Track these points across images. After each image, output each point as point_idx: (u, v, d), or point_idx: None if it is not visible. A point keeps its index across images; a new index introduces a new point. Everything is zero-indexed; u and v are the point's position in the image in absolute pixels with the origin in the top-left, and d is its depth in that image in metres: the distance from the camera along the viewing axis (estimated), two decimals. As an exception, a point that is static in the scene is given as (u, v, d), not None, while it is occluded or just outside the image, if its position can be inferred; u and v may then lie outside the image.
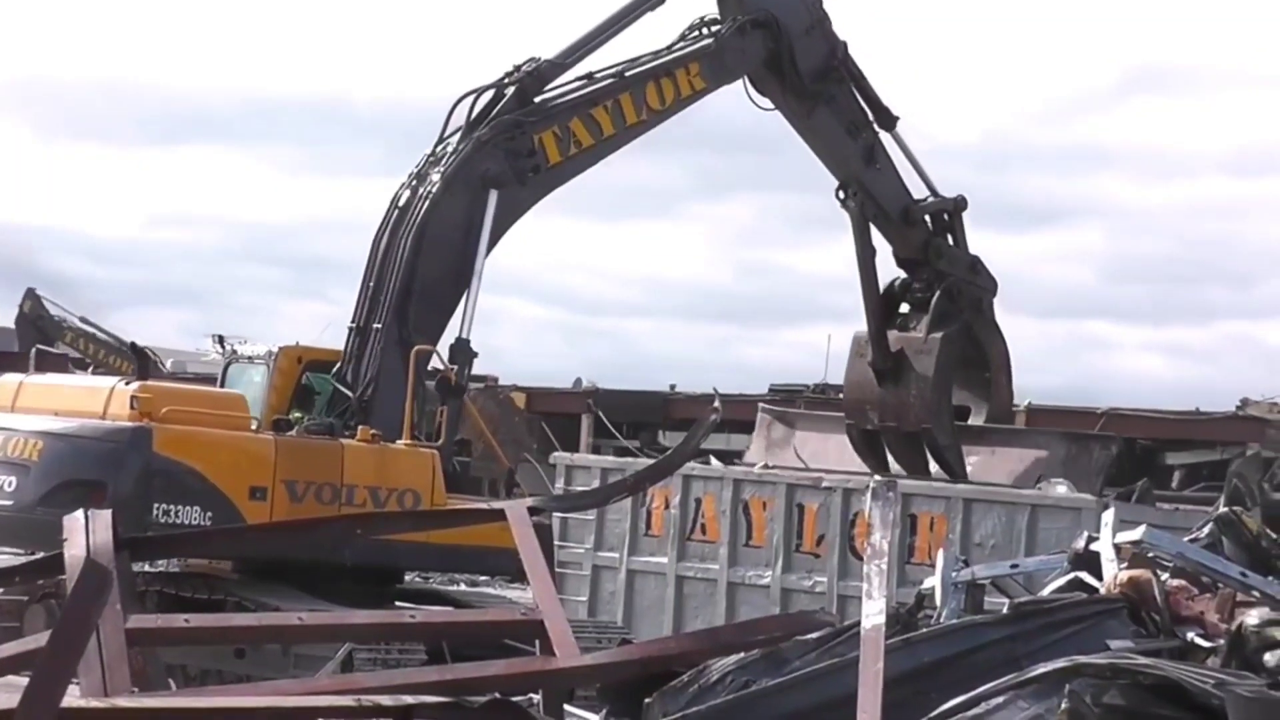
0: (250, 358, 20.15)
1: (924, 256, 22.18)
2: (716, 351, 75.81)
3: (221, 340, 20.82)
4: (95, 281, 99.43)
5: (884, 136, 22.17)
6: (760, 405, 24.25)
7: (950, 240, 22.43)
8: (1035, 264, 79.23)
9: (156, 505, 17.20)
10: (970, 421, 22.63)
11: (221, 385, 20.30)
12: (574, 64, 20.43)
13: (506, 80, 20.05)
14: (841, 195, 21.86)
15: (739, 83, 21.47)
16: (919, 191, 22.44)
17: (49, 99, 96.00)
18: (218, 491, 17.67)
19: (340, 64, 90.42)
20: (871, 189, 21.82)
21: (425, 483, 18.52)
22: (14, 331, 56.23)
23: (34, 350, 43.97)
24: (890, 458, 22.42)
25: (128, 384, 18.20)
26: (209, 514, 17.50)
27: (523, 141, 19.81)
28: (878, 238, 22.21)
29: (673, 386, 43.34)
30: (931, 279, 22.15)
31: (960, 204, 22.48)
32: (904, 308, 22.44)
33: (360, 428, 18.68)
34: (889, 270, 22.54)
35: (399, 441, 18.78)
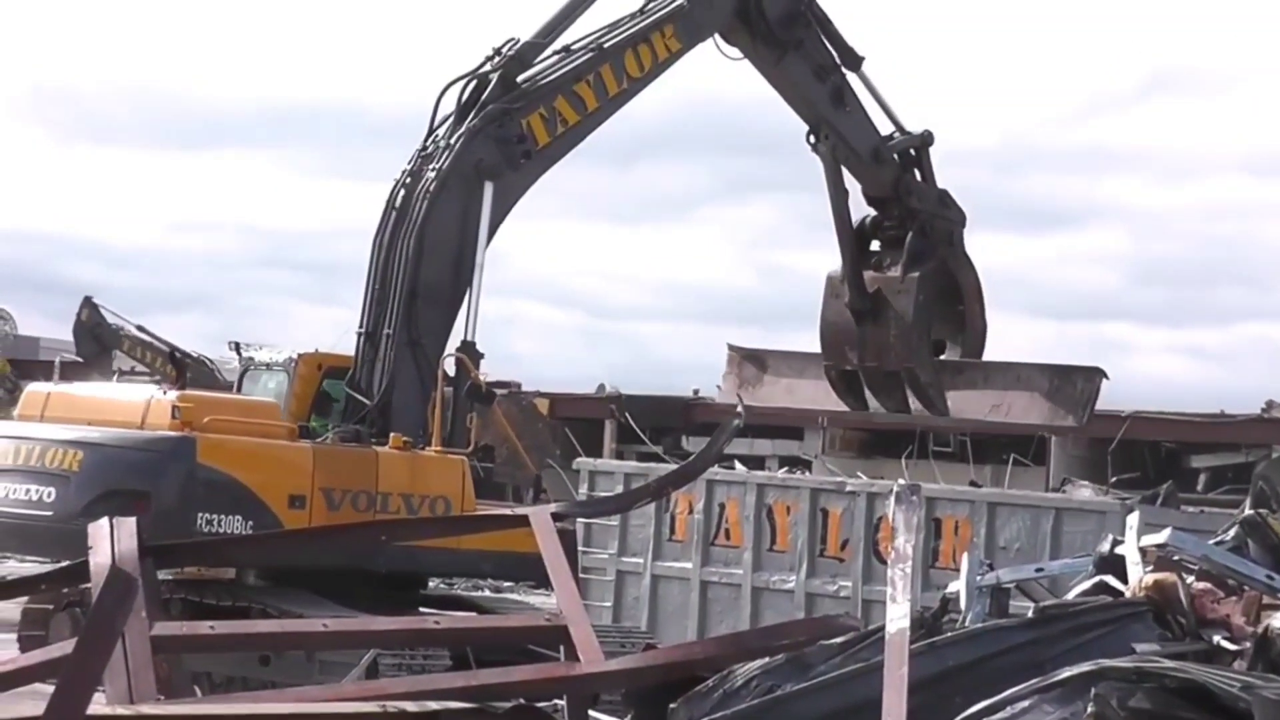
0: (267, 364, 20.17)
1: (895, 194, 22.41)
2: (736, 355, 75.67)
3: (239, 347, 20.84)
4: (114, 288, 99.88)
5: (851, 78, 22.23)
6: (729, 344, 24.21)
7: (919, 176, 22.60)
8: (1055, 266, 79.17)
9: (200, 515, 17.24)
10: (946, 355, 22.78)
11: (238, 392, 20.34)
12: (552, 41, 20.45)
13: (488, 66, 20.04)
14: (812, 139, 22.04)
15: (745, 70, 21.60)
16: (886, 130, 22.56)
17: (69, 105, 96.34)
18: (258, 500, 17.73)
19: (359, 68, 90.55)
20: (841, 130, 22.00)
21: (456, 490, 18.59)
22: (36, 340, 56.44)
23: (58, 360, 44.19)
24: (869, 396, 22.51)
25: (165, 393, 18.21)
26: (250, 523, 17.55)
27: (511, 127, 19.82)
28: (848, 178, 22.35)
29: (695, 391, 43.33)
30: (903, 216, 22.41)
31: (927, 139, 22.66)
32: (875, 245, 22.68)
33: (392, 435, 18.73)
34: (859, 209, 22.74)
35: (429, 449, 18.82)
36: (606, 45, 20.56)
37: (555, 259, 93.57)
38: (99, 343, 21.09)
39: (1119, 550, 10.60)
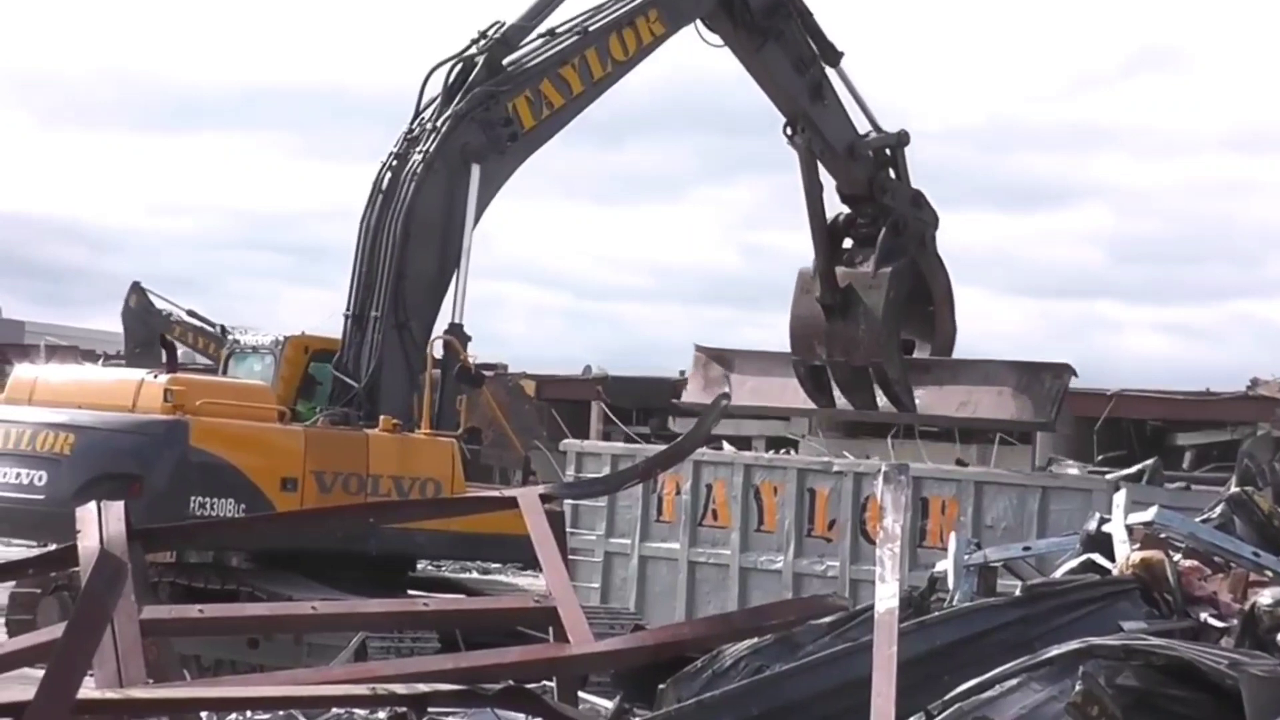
0: (254, 347, 20.15)
1: (868, 192, 22.40)
2: (722, 335, 75.77)
3: (224, 330, 20.83)
4: (96, 270, 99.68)
5: (830, 75, 22.22)
6: (695, 345, 24.29)
7: (894, 175, 22.59)
8: (1040, 244, 79.33)
9: (193, 498, 17.22)
10: (915, 355, 22.75)
11: (223, 374, 20.32)
12: (537, 24, 20.47)
13: (474, 49, 20.06)
14: (789, 132, 22.04)
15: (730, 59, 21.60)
16: (863, 128, 22.58)
17: (50, 88, 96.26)
18: (250, 483, 17.72)
19: (339, 50, 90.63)
20: (819, 124, 22.01)
21: (446, 472, 18.62)
22: (21, 324, 56.33)
23: (43, 343, 44.09)
24: (837, 392, 22.54)
25: (156, 377, 18.17)
26: (242, 506, 17.55)
27: (497, 111, 19.85)
28: (823, 173, 22.35)
29: (682, 373, 43.25)
30: (876, 214, 22.38)
31: (903, 138, 22.64)
32: (848, 243, 22.65)
33: (382, 418, 18.73)
34: (833, 206, 22.69)
35: (419, 431, 18.83)
36: (591, 29, 20.57)
37: (542, 240, 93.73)
38: (148, 328, 20.77)
39: (1106, 528, 10.62)
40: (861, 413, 22.57)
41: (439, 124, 19.65)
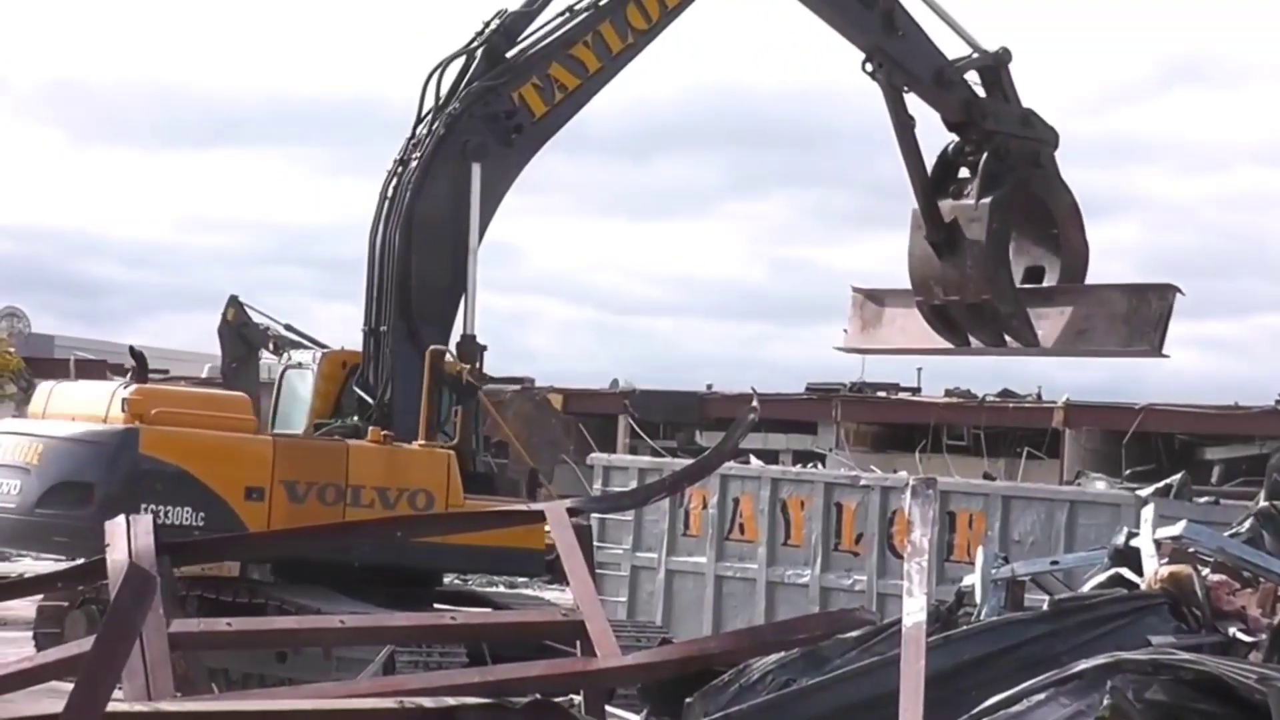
0: (300, 364, 20.10)
1: (968, 117, 21.52)
2: (751, 350, 75.95)
3: (277, 347, 20.78)
4: (126, 285, 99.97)
5: (913, 3, 21.41)
6: (852, 286, 23.30)
7: (1003, 97, 21.60)
8: (1072, 258, 78.84)
9: (145, 506, 16.97)
10: (1046, 282, 21.90)
11: (277, 392, 20.25)
12: (540, 10, 19.76)
13: (475, 43, 19.51)
14: (868, 67, 21.27)
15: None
16: (957, 50, 21.66)
17: (82, 102, 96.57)
18: (210, 492, 17.61)
19: (373, 63, 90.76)
20: (896, 57, 21.17)
21: (439, 483, 18.36)
22: (51, 338, 56.49)
23: (73, 358, 44.29)
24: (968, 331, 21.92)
25: (126, 388, 18.26)
26: (201, 515, 17.46)
27: (499, 103, 19.31)
28: (923, 105, 21.50)
29: (709, 386, 43.34)
30: (981, 140, 21.49)
31: (1003, 56, 21.67)
32: (964, 173, 21.75)
33: (371, 429, 18.56)
34: (939, 138, 21.82)
35: (415, 442, 18.66)
36: (603, 2, 19.76)
37: (571, 255, 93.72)
38: (246, 343, 20.68)
39: (1134, 543, 10.61)
40: (991, 349, 21.71)
41: (435, 125, 19.22)
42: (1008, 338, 21.68)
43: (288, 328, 20.98)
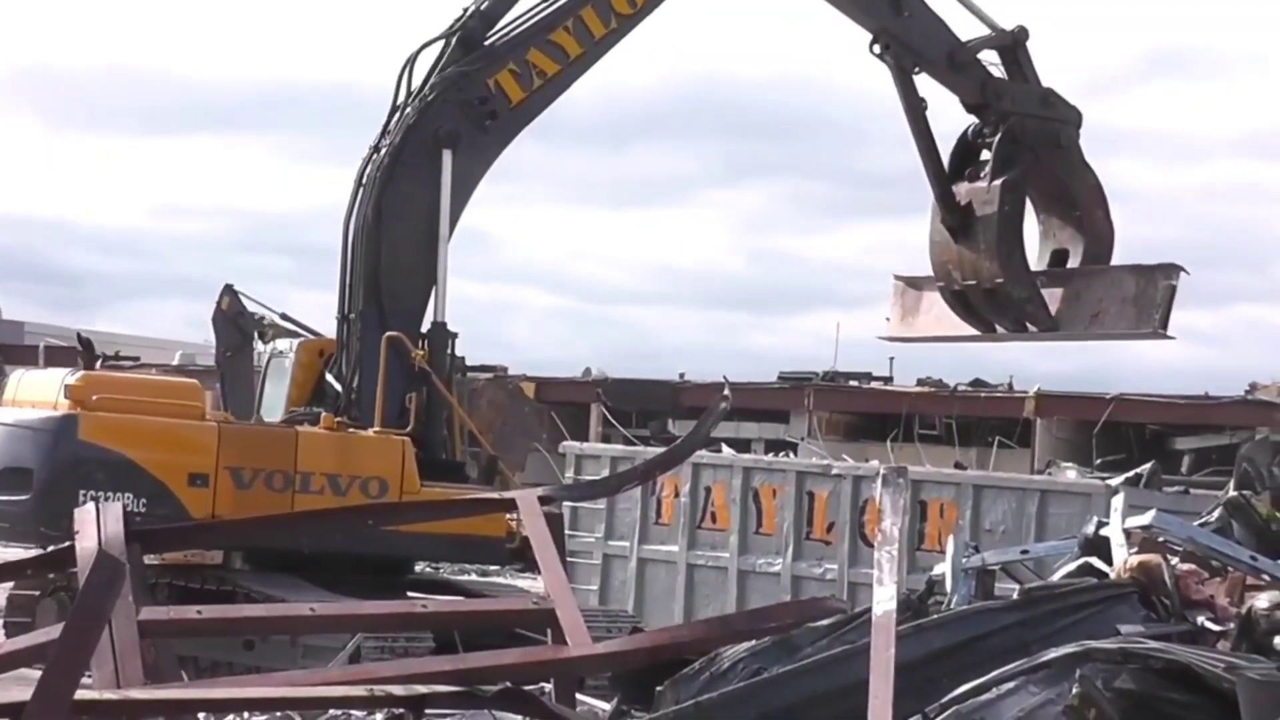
0: (280, 352, 20.06)
1: (984, 99, 21.11)
2: (726, 339, 75.93)
3: (263, 335, 20.71)
4: (102, 273, 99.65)
5: None
6: (894, 274, 22.86)
7: (1021, 76, 21.24)
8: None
9: (85, 492, 16.89)
10: (1069, 264, 21.57)
11: (262, 381, 20.20)
12: None
13: (453, 28, 19.29)
14: (876, 49, 20.87)
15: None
16: (972, 31, 21.29)
17: (57, 88, 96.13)
18: (151, 478, 17.58)
19: (353, 50, 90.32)
20: (905, 38, 20.75)
21: (393, 470, 18.24)
22: (21, 325, 56.29)
23: (42, 345, 44.10)
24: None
25: (73, 375, 18.24)
26: (143, 501, 17.40)
27: (473, 89, 19.12)
28: (938, 88, 21.19)
29: (682, 375, 43.31)
30: (999, 121, 21.09)
31: (1020, 35, 21.25)
32: (985, 156, 21.31)
33: (324, 415, 18.51)
34: (959, 121, 21.51)
35: (370, 429, 18.58)
36: None
37: (548, 244, 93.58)
38: (241, 333, 20.60)
39: (1104, 532, 10.63)
40: (1013, 335, 21.39)
41: (407, 112, 19.08)
42: (1028, 324, 21.41)
43: (283, 316, 20.96)
